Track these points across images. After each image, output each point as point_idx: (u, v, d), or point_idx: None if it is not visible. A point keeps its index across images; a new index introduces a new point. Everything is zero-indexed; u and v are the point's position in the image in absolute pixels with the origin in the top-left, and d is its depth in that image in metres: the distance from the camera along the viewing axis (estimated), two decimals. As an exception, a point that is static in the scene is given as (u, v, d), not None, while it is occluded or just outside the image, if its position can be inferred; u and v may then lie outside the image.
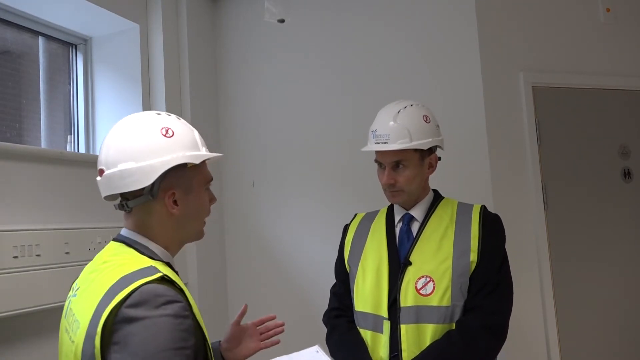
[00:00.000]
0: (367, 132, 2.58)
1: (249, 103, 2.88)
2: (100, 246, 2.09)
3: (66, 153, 2.36)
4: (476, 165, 2.27)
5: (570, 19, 2.50)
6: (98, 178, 1.13)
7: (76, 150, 2.54)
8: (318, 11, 2.71)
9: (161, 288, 1.00)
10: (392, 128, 1.61)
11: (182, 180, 1.13)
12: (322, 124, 2.67)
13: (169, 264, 1.14)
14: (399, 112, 1.64)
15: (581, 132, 2.47)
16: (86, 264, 1.15)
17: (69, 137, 2.55)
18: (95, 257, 1.16)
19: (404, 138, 1.60)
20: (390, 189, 1.64)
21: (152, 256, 1.12)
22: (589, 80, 2.48)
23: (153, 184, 1.09)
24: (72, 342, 1.03)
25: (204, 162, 1.18)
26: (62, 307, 1.95)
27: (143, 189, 1.09)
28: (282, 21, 2.29)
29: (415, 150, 1.62)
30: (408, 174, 1.62)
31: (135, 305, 0.97)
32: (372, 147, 1.65)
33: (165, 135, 1.11)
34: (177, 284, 1.06)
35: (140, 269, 1.04)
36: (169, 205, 1.11)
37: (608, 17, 2.53)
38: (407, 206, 1.70)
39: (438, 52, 2.41)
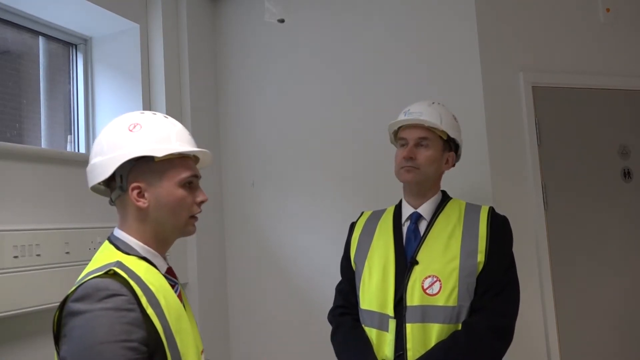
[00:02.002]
0: (367, 131, 2.59)
1: (249, 103, 2.88)
2: (100, 246, 2.10)
3: (66, 153, 2.36)
4: (476, 165, 2.26)
5: (570, 19, 2.50)
6: None
7: (76, 150, 2.55)
8: (318, 11, 2.71)
9: (105, 282, 1.04)
10: (427, 109, 1.72)
11: (148, 174, 1.16)
12: (322, 124, 2.67)
13: (145, 259, 1.16)
14: (433, 102, 1.77)
15: (581, 132, 2.47)
16: (86, 264, 1.17)
17: (69, 137, 2.55)
18: None
19: (436, 119, 1.70)
20: (408, 163, 1.67)
21: (128, 251, 1.15)
22: (589, 80, 2.48)
23: (121, 177, 1.14)
24: None
25: (182, 157, 1.20)
26: (62, 307, 1.94)
27: (115, 183, 1.16)
28: (282, 21, 2.30)
29: (441, 137, 1.70)
30: (429, 154, 1.68)
31: (78, 299, 1.02)
32: (403, 119, 1.74)
33: (130, 131, 1.16)
34: (135, 276, 1.07)
35: (104, 265, 1.08)
36: (133, 198, 1.15)
37: (608, 17, 2.53)
38: (416, 199, 1.72)
39: (438, 52, 2.41)
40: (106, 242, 1.20)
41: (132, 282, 1.06)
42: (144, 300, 1.06)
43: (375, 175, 2.48)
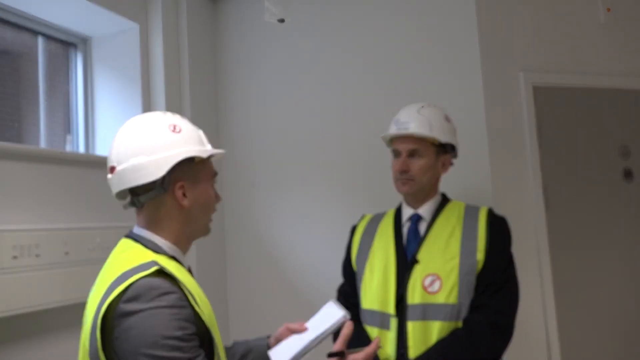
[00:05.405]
0: (367, 132, 2.58)
1: (249, 103, 2.88)
2: (100, 246, 2.10)
3: (66, 153, 2.36)
4: (476, 166, 2.26)
5: (570, 19, 2.50)
6: (109, 176, 1.18)
7: (76, 150, 2.54)
8: (318, 11, 2.71)
9: (156, 281, 1.05)
10: (416, 118, 1.71)
11: (189, 174, 1.19)
12: (322, 124, 2.67)
13: (174, 258, 1.17)
14: (422, 107, 1.74)
15: (582, 132, 2.47)
16: (85, 264, 1.18)
17: (68, 137, 2.55)
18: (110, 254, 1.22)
19: (425, 128, 1.68)
20: (403, 176, 1.69)
21: (157, 250, 1.15)
22: (589, 80, 2.48)
23: (163, 177, 1.14)
24: (84, 333, 1.10)
25: (209, 158, 1.24)
26: (61, 307, 1.96)
27: (154, 183, 1.14)
28: (282, 21, 2.29)
29: (433, 144, 1.69)
30: (422, 164, 1.68)
31: (131, 299, 1.02)
32: (393, 131, 1.73)
33: (173, 131, 1.17)
34: (175, 276, 1.09)
35: (140, 265, 1.08)
36: (179, 197, 1.17)
37: (608, 17, 2.53)
38: (416, 204, 1.73)
39: (438, 52, 2.41)
40: (127, 240, 1.19)
41: (179, 280, 1.09)
42: (190, 298, 1.09)
43: (375, 175, 2.47)
